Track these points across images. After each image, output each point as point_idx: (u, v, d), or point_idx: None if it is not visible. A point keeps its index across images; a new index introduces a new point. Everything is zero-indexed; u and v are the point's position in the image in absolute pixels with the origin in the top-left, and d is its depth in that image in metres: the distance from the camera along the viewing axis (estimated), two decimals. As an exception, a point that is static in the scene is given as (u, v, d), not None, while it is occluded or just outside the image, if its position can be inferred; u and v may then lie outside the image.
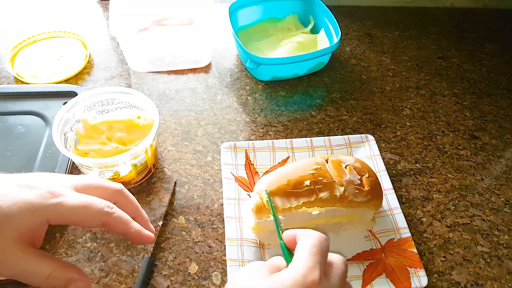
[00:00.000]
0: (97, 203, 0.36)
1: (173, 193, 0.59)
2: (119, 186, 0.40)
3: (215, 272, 0.52)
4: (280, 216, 0.50)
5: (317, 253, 0.34)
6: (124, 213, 0.38)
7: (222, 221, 0.56)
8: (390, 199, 0.58)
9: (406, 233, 0.54)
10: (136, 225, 0.39)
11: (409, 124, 0.71)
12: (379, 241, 0.54)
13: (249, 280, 0.34)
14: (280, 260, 0.37)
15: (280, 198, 0.49)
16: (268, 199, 0.48)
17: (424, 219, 0.58)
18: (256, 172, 0.61)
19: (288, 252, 0.37)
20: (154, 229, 0.41)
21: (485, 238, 0.57)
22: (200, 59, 0.77)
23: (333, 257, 0.36)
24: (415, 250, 0.53)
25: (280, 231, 0.39)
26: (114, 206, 0.38)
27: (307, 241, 0.35)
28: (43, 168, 0.59)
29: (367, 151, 0.63)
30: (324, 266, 0.34)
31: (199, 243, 0.54)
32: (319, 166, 0.52)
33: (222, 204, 0.58)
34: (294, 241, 0.37)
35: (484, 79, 0.80)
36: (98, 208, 0.36)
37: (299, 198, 0.50)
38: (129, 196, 0.41)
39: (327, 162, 0.53)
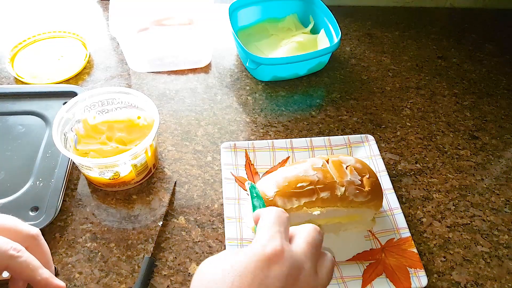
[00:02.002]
0: (2, 244, 0.34)
1: (173, 193, 0.59)
2: (35, 231, 0.38)
3: (215, 272, 0.52)
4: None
5: (275, 224, 0.34)
6: (33, 258, 0.36)
7: (222, 221, 0.56)
8: (390, 199, 0.58)
9: (406, 233, 0.54)
10: (44, 273, 0.36)
11: (409, 124, 0.71)
12: (379, 241, 0.54)
13: (219, 258, 0.34)
14: None
15: (281, 198, 0.49)
16: (250, 187, 0.49)
17: (424, 219, 0.58)
18: (256, 172, 0.61)
19: None
20: (61, 284, 0.37)
21: (485, 238, 0.57)
22: (200, 59, 0.77)
23: (300, 226, 0.36)
24: (415, 250, 0.53)
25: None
26: (23, 249, 0.35)
27: (264, 216, 0.35)
28: (43, 168, 0.59)
29: (367, 151, 0.63)
30: (286, 234, 0.34)
31: (199, 243, 0.54)
32: (320, 167, 0.52)
33: (222, 204, 0.58)
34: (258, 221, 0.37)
35: (484, 79, 0.80)
36: (2, 249, 0.33)
37: (300, 198, 0.50)
38: (43, 245, 0.38)
39: (328, 163, 0.53)
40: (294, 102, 0.73)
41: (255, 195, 0.49)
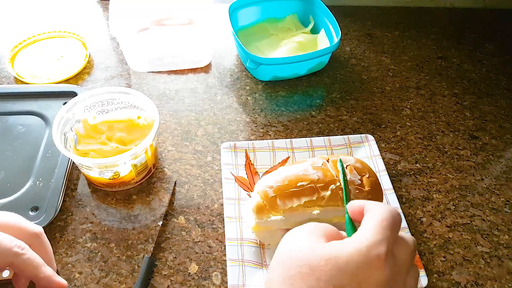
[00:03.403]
0: (6, 241, 0.34)
1: (173, 193, 0.59)
2: (38, 229, 0.38)
3: (215, 272, 0.52)
4: (280, 217, 0.50)
5: (387, 227, 0.30)
6: (36, 256, 0.36)
7: (222, 221, 0.56)
8: (390, 199, 0.58)
9: (406, 233, 0.54)
10: (47, 270, 0.36)
11: (409, 124, 0.71)
12: (379, 241, 0.54)
13: (299, 240, 0.31)
14: (340, 232, 0.33)
15: (281, 198, 0.49)
16: (341, 167, 0.46)
17: (424, 219, 0.58)
18: (256, 172, 0.61)
19: (352, 225, 0.34)
20: (63, 281, 0.38)
21: (485, 238, 0.57)
22: (200, 59, 0.77)
23: (403, 234, 0.33)
24: (415, 250, 0.53)
25: (347, 202, 0.36)
26: (27, 247, 0.35)
27: (377, 213, 0.31)
28: (43, 168, 0.59)
29: (367, 151, 0.63)
30: (393, 243, 0.30)
31: (199, 243, 0.54)
32: (320, 166, 0.52)
33: (222, 204, 0.58)
34: (361, 212, 0.33)
35: (484, 79, 0.80)
36: (6, 247, 0.34)
37: (300, 197, 0.49)
38: (46, 243, 0.39)
39: (328, 162, 0.53)
40: (294, 102, 0.73)
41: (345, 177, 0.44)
